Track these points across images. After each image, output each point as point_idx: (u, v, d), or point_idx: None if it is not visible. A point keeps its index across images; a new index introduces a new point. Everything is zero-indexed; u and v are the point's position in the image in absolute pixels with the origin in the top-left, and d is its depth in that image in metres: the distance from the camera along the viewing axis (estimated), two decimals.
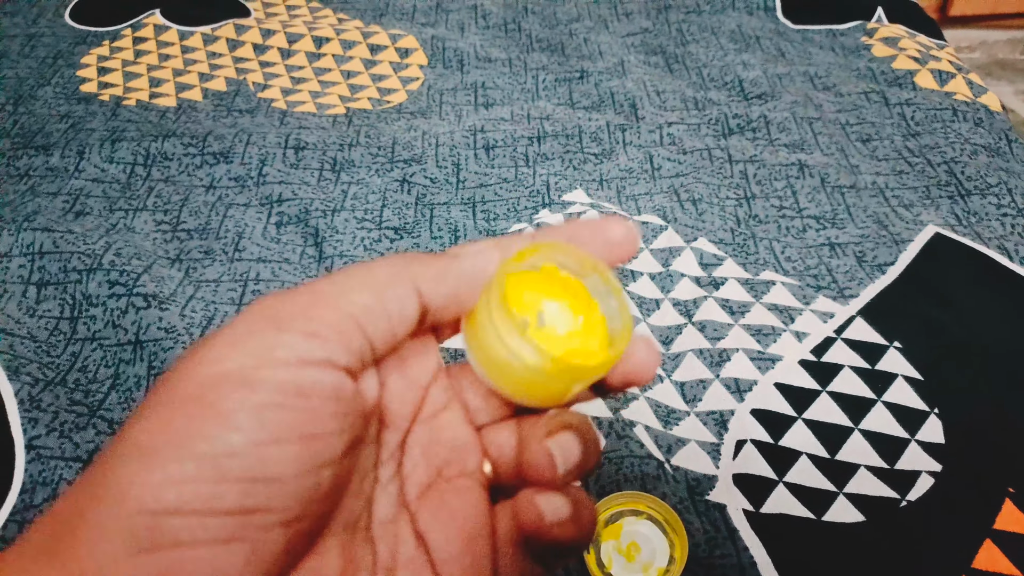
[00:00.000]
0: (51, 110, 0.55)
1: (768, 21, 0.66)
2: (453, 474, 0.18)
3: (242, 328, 0.14)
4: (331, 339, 0.15)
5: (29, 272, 0.42)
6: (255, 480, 0.13)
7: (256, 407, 0.13)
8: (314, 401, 0.14)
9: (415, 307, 0.16)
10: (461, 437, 0.18)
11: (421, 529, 0.17)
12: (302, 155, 0.52)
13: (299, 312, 0.15)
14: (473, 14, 0.68)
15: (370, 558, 0.16)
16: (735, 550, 0.32)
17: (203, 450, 0.13)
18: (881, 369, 0.39)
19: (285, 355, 0.14)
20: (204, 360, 0.14)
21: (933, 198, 0.48)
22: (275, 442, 0.13)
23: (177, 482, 0.12)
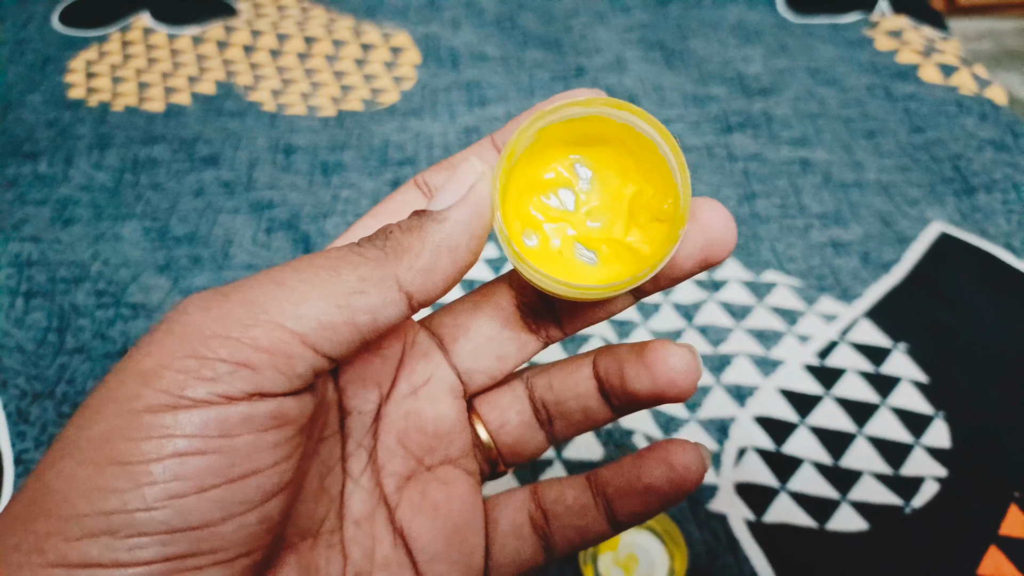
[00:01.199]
0: (39, 117, 0.55)
1: (769, 15, 0.64)
2: (436, 462, 0.16)
3: (157, 355, 0.12)
4: (265, 368, 0.12)
5: (17, 283, 0.42)
6: (177, 531, 0.12)
7: (172, 455, 0.12)
8: (244, 439, 0.12)
9: (400, 312, 0.14)
10: (445, 416, 0.16)
11: (401, 526, 0.16)
12: (292, 159, 0.51)
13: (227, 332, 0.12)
14: (467, 11, 0.67)
15: (339, 564, 0.15)
16: (736, 561, 0.31)
17: (114, 505, 0.12)
18: (886, 372, 0.38)
19: (206, 393, 0.12)
20: (113, 397, 0.12)
21: (938, 194, 0.47)
22: (197, 491, 0.12)
23: (92, 536, 0.11)
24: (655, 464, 0.15)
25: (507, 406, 0.17)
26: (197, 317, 0.13)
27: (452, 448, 0.16)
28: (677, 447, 0.15)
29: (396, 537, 0.16)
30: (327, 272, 0.13)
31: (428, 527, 0.16)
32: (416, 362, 0.17)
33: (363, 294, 0.13)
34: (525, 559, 0.16)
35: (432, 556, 0.15)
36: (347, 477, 0.16)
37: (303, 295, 0.13)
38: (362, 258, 0.14)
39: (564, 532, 0.16)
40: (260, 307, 0.13)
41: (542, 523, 0.16)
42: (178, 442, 0.12)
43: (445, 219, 0.14)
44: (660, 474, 0.15)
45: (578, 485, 0.16)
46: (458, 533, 0.16)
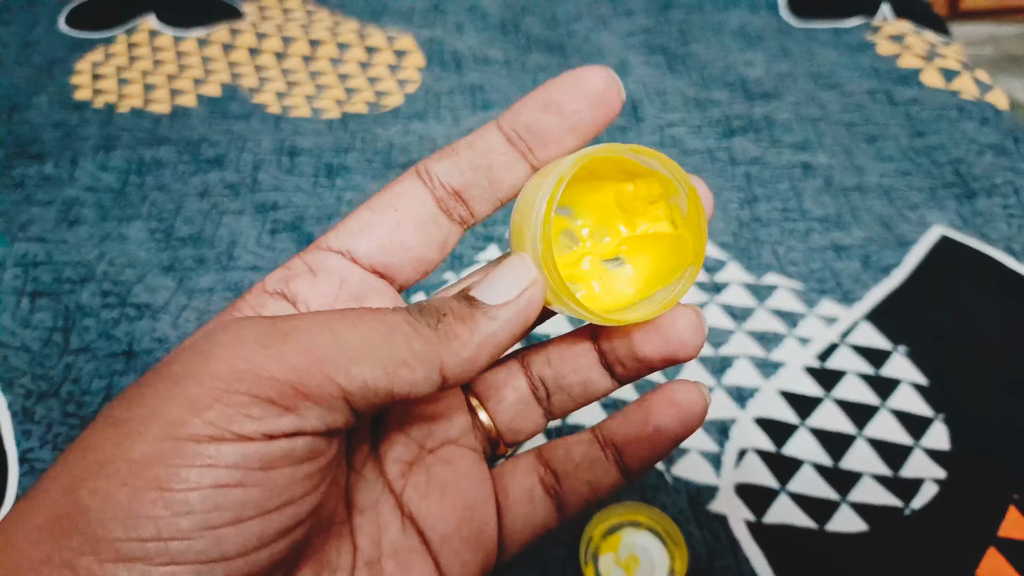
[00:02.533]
0: (45, 118, 0.55)
1: (771, 19, 0.65)
2: (437, 444, 0.17)
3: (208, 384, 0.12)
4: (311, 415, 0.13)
5: (23, 283, 0.42)
6: (211, 561, 0.12)
7: (211, 487, 0.12)
8: (281, 472, 0.13)
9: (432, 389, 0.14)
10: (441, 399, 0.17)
11: (410, 511, 0.16)
12: (297, 161, 0.51)
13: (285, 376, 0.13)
14: (471, 14, 0.67)
15: (349, 556, 0.15)
16: (736, 562, 0.31)
17: (150, 532, 0.12)
18: (886, 375, 0.38)
19: (252, 430, 0.12)
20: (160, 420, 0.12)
21: (939, 199, 0.47)
22: (233, 523, 0.12)
23: (126, 560, 0.11)
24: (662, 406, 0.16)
25: (502, 384, 0.17)
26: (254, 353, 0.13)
27: (452, 429, 0.17)
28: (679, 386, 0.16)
29: (405, 522, 0.16)
30: (382, 336, 0.14)
31: (436, 507, 0.16)
32: None
33: (409, 369, 0.14)
34: (538, 523, 0.16)
35: (443, 535, 0.16)
36: (351, 470, 0.16)
37: (357, 355, 0.13)
38: (416, 333, 0.14)
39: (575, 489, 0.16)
40: (316, 358, 0.13)
41: (553, 484, 0.16)
42: (219, 472, 0.12)
43: (495, 317, 0.15)
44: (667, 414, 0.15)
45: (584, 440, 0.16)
46: (467, 509, 0.16)
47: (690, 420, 0.16)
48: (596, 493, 0.16)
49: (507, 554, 0.17)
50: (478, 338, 0.14)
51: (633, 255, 0.17)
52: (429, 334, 0.14)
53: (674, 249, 0.17)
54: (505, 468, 0.17)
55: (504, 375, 0.17)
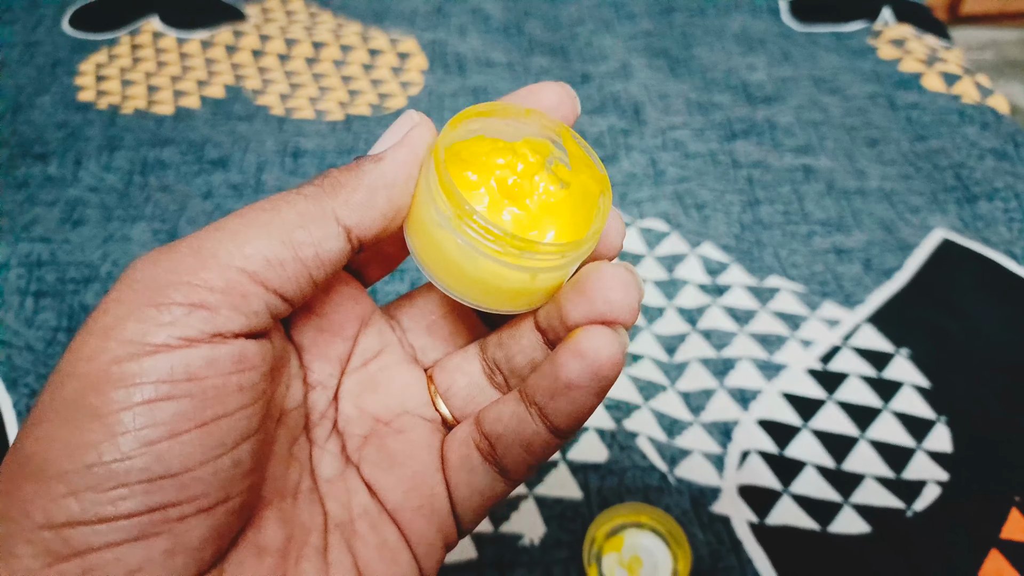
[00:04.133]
0: (49, 119, 0.55)
1: (773, 23, 0.65)
2: (391, 416, 0.17)
3: (115, 310, 0.13)
4: (221, 307, 0.13)
5: (27, 283, 0.42)
6: (157, 478, 0.12)
7: (142, 404, 0.12)
8: (210, 381, 0.13)
9: (340, 246, 0.14)
10: (398, 378, 0.17)
11: (368, 479, 0.16)
12: (300, 162, 0.52)
13: (179, 279, 0.13)
14: (474, 17, 0.67)
15: (320, 518, 0.15)
16: (739, 563, 0.31)
17: (92, 459, 0.12)
18: (888, 377, 0.38)
19: (166, 337, 0.12)
20: (80, 356, 0.12)
21: (940, 202, 0.47)
22: (171, 436, 0.12)
23: (74, 493, 0.12)
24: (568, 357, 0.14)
25: (455, 368, 0.17)
26: (149, 271, 0.13)
27: (407, 403, 0.17)
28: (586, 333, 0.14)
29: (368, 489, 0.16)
30: (268, 213, 0.14)
31: (387, 478, 0.16)
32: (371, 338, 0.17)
33: (303, 229, 0.14)
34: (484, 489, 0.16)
35: (397, 504, 0.16)
36: (313, 445, 0.16)
37: (247, 236, 0.13)
38: (300, 196, 0.14)
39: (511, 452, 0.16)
40: (208, 252, 0.13)
41: (489, 450, 0.16)
42: (146, 389, 0.12)
43: (381, 159, 0.15)
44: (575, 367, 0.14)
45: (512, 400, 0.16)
46: (416, 478, 0.16)
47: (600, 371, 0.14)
48: (532, 455, 0.15)
49: (465, 523, 0.17)
50: (367, 182, 0.14)
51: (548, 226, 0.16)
52: (314, 191, 0.14)
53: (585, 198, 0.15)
54: (445, 440, 0.17)
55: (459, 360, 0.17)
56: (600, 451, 0.35)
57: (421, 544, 0.16)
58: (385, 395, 0.17)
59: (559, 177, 0.16)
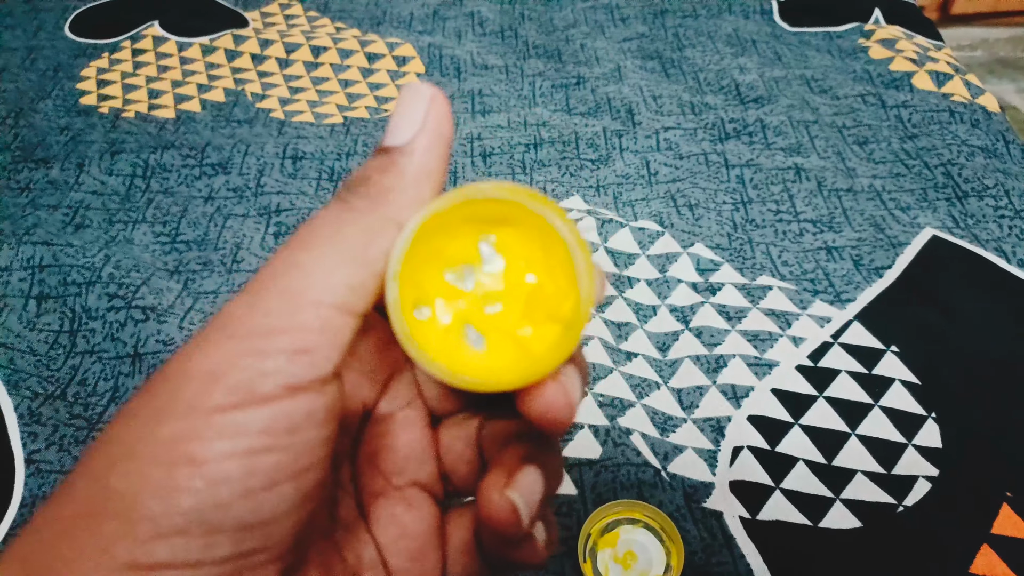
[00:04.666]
0: (51, 123, 0.56)
1: (765, 24, 0.66)
2: (404, 483, 0.17)
3: (215, 357, 0.13)
4: (320, 348, 0.13)
5: (29, 286, 0.43)
6: (249, 527, 0.12)
7: (244, 454, 0.12)
8: (307, 434, 0.13)
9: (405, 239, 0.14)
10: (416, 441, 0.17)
11: (376, 537, 0.16)
12: (300, 165, 0.52)
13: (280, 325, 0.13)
14: (470, 21, 0.68)
15: (340, 565, 0.16)
16: (732, 558, 0.32)
17: (189, 505, 0.12)
18: (878, 374, 0.39)
19: (272, 387, 0.12)
20: (179, 397, 0.12)
21: (930, 200, 0.48)
22: (268, 487, 0.12)
23: (165, 536, 0.12)
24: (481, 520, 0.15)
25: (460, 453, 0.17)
26: (246, 316, 0.13)
27: (420, 473, 0.17)
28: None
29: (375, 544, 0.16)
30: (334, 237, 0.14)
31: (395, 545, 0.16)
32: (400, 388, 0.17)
33: (373, 245, 0.14)
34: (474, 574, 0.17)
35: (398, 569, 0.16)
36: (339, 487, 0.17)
37: (327, 267, 0.13)
38: (354, 211, 0.14)
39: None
40: (296, 292, 0.13)
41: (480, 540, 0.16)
42: (251, 439, 0.12)
43: (413, 152, 0.15)
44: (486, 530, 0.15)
45: None
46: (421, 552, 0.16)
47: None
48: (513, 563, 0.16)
49: None
50: (410, 178, 0.14)
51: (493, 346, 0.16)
52: (367, 205, 0.14)
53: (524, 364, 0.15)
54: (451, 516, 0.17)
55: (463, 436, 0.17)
56: (594, 448, 0.35)
57: None
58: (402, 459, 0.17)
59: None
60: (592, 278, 0.14)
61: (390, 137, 0.15)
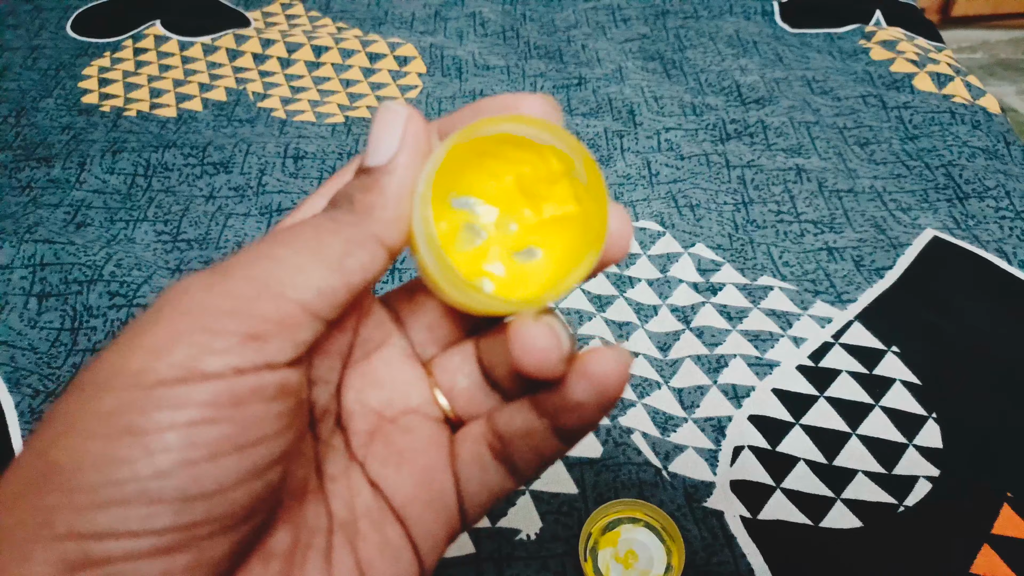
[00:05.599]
0: (53, 122, 0.56)
1: (766, 26, 0.66)
2: (397, 413, 0.17)
3: (165, 332, 0.12)
4: (274, 339, 0.13)
5: (30, 284, 0.43)
6: (190, 498, 0.12)
7: (185, 425, 0.12)
8: (253, 408, 0.13)
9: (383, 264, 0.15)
10: (400, 372, 0.17)
11: (372, 477, 0.16)
12: (301, 164, 0.52)
13: (235, 308, 0.13)
14: (472, 22, 0.68)
15: (325, 519, 0.16)
16: (732, 557, 0.32)
17: (128, 474, 0.12)
18: (879, 374, 0.39)
19: (218, 366, 0.12)
20: (121, 371, 0.12)
21: (931, 201, 0.48)
22: (209, 458, 0.12)
23: (104, 506, 0.12)
24: (577, 379, 0.15)
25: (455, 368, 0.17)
26: (202, 295, 0.13)
27: (411, 399, 0.17)
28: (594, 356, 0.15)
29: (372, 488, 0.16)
30: (312, 239, 0.14)
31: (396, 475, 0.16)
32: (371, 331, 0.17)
33: (352, 256, 0.14)
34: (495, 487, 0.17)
35: (404, 500, 0.16)
36: (319, 441, 0.16)
37: (299, 266, 0.14)
38: (338, 224, 0.15)
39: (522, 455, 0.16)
40: (262, 282, 0.13)
41: (501, 450, 0.16)
42: (192, 412, 0.12)
43: (394, 171, 0.15)
44: (582, 388, 0.15)
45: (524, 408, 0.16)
46: (426, 474, 0.16)
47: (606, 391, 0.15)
48: (542, 458, 0.16)
49: (470, 518, 0.17)
50: (391, 196, 0.15)
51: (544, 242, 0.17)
52: (350, 219, 0.15)
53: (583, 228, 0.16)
54: (457, 437, 0.17)
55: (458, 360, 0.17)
56: (595, 447, 0.35)
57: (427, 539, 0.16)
58: (389, 391, 0.17)
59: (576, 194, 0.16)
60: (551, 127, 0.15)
61: (370, 157, 0.15)
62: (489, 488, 0.17)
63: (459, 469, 0.17)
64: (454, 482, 0.16)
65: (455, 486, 0.16)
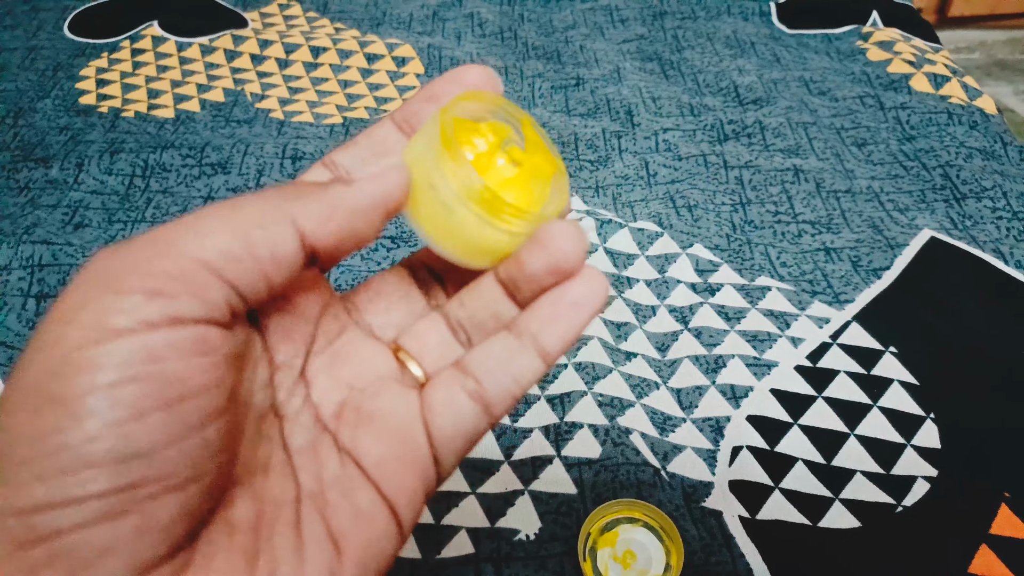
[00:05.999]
0: (51, 122, 0.56)
1: (763, 26, 0.66)
2: (366, 382, 0.17)
3: (75, 298, 0.13)
4: (180, 294, 0.13)
5: (28, 285, 0.43)
6: (124, 459, 0.12)
7: (105, 387, 0.12)
8: (172, 364, 0.13)
9: (294, 250, 0.15)
10: (365, 350, 0.18)
11: (345, 445, 0.16)
12: (299, 165, 0.52)
13: (137, 267, 0.13)
14: (470, 22, 0.68)
15: (292, 491, 0.16)
16: (731, 557, 0.32)
17: (58, 442, 0.12)
18: (877, 374, 0.39)
19: (126, 322, 0.13)
20: (39, 344, 0.13)
21: (928, 202, 0.48)
22: (136, 417, 0.12)
23: (39, 478, 0.12)
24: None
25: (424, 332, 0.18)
26: (107, 261, 0.13)
27: (379, 369, 0.17)
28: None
29: (343, 456, 0.16)
30: (228, 210, 0.14)
31: (367, 436, 0.16)
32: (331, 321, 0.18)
33: (261, 228, 0.14)
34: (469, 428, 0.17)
35: (377, 461, 0.16)
36: (283, 419, 0.17)
37: (205, 229, 0.14)
38: (261, 197, 0.15)
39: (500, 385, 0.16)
40: (164, 242, 0.13)
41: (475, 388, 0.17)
42: (109, 372, 0.12)
43: (351, 183, 0.15)
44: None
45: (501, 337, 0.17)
46: (397, 432, 0.16)
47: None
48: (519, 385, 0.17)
49: (446, 468, 0.17)
50: (331, 198, 0.15)
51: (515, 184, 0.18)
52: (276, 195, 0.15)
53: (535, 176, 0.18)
54: (428, 386, 0.17)
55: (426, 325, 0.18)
56: (594, 447, 0.35)
57: (402, 495, 0.16)
58: (356, 365, 0.17)
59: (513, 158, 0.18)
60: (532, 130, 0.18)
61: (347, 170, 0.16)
62: (464, 432, 0.17)
63: (431, 419, 0.17)
64: (426, 433, 0.17)
65: (427, 437, 0.17)
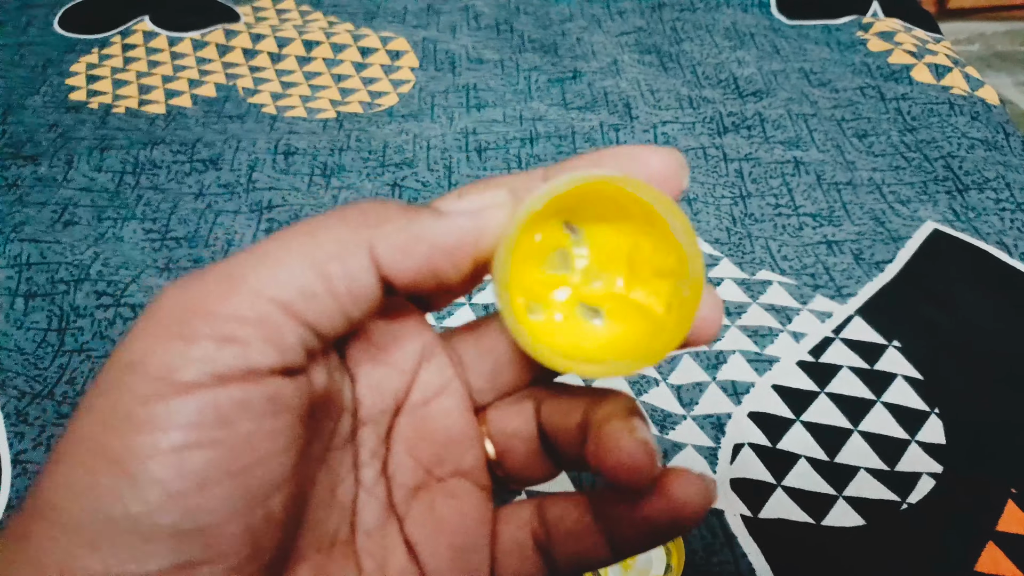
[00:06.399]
0: (40, 119, 0.55)
1: (763, 17, 0.65)
2: (446, 473, 0.16)
3: (140, 343, 0.12)
4: (251, 339, 0.12)
5: (16, 283, 0.42)
6: (186, 535, 0.11)
7: (170, 451, 0.11)
8: (242, 427, 0.12)
9: (372, 282, 0.13)
10: (457, 427, 0.16)
11: (410, 538, 0.15)
12: (292, 160, 0.51)
13: (207, 307, 0.12)
14: (465, 15, 0.67)
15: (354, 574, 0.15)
16: (733, 557, 0.31)
17: (117, 511, 0.11)
18: (880, 369, 0.38)
19: (195, 374, 0.11)
20: (103, 391, 0.11)
21: (930, 193, 0.48)
22: (201, 489, 0.11)
23: (94, 547, 0.11)
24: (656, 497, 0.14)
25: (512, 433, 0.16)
26: (176, 299, 0.12)
27: (463, 460, 0.16)
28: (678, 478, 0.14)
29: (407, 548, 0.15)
30: (304, 237, 0.13)
31: (433, 542, 0.15)
32: (431, 375, 0.16)
33: (340, 261, 0.12)
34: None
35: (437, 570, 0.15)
36: (360, 487, 0.15)
37: (280, 261, 0.12)
38: (342, 221, 0.13)
39: (566, 553, 0.15)
40: (238, 278, 0.12)
41: (544, 541, 0.15)
42: (174, 435, 0.11)
43: (441, 217, 0.13)
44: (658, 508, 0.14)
45: (581, 506, 0.15)
46: (463, 550, 0.15)
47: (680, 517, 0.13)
48: (586, 563, 0.15)
49: None
50: (415, 228, 0.13)
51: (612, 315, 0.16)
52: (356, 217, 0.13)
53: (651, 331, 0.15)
54: (502, 513, 0.16)
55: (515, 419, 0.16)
56: None
57: None
58: (441, 447, 0.16)
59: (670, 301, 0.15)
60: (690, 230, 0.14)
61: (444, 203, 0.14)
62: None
63: (498, 552, 0.16)
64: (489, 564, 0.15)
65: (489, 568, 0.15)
